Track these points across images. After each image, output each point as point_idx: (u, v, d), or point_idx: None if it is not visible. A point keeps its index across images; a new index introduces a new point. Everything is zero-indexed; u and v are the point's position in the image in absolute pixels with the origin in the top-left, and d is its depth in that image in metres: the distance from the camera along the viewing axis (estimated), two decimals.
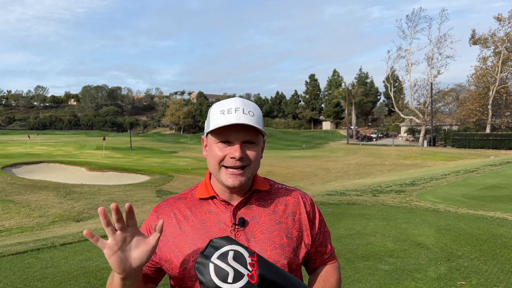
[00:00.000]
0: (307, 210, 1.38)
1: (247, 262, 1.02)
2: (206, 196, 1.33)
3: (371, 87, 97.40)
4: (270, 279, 1.02)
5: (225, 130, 1.24)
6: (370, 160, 37.71)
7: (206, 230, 1.27)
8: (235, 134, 1.24)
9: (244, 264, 1.02)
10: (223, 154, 1.25)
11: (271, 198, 1.36)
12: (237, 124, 1.22)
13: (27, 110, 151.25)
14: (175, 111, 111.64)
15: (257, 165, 1.30)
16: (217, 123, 1.23)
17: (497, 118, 59.82)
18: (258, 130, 1.26)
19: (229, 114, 1.24)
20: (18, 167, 27.57)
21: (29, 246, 6.66)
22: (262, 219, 1.30)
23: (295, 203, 1.37)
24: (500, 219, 7.99)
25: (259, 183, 1.36)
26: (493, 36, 56.20)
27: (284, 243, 1.28)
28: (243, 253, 1.04)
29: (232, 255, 1.02)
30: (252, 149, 1.27)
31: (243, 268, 1.01)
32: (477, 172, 18.95)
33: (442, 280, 4.49)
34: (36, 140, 59.92)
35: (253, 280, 0.99)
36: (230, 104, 1.27)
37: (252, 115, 1.25)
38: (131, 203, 1.05)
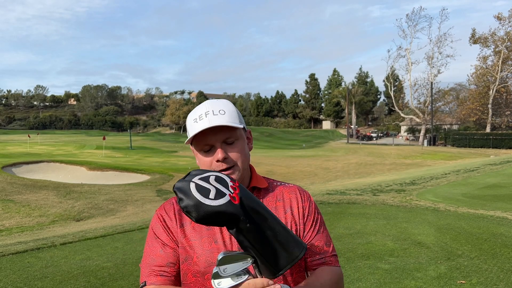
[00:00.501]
0: (303, 205, 1.37)
1: (229, 185, 1.01)
2: None
3: (371, 86, 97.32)
4: (251, 205, 1.01)
5: (202, 137, 1.26)
6: (370, 159, 37.71)
7: (209, 227, 1.28)
8: (213, 137, 1.26)
9: (226, 186, 1.01)
10: (210, 160, 1.28)
11: (270, 195, 1.37)
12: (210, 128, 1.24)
13: (27, 110, 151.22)
14: (175, 110, 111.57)
15: (244, 160, 1.30)
16: (192, 133, 1.26)
17: (497, 117, 59.81)
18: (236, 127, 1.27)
19: (201, 120, 1.26)
20: (18, 167, 27.58)
21: (29, 246, 6.67)
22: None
23: (294, 198, 1.37)
24: (500, 218, 7.99)
25: (257, 180, 1.38)
26: (493, 35, 56.18)
27: None
28: (225, 178, 1.03)
29: (214, 178, 1.02)
30: (234, 148, 1.29)
31: (225, 189, 0.99)
32: (477, 171, 18.95)
33: (442, 279, 4.49)
34: (36, 140, 59.92)
35: (235, 201, 0.98)
36: (200, 110, 1.29)
37: (223, 113, 1.27)
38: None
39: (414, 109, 62.03)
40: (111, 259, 5.53)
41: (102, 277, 4.73)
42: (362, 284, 4.39)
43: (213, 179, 1.01)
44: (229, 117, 1.27)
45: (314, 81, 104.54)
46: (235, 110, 1.33)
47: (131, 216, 12.86)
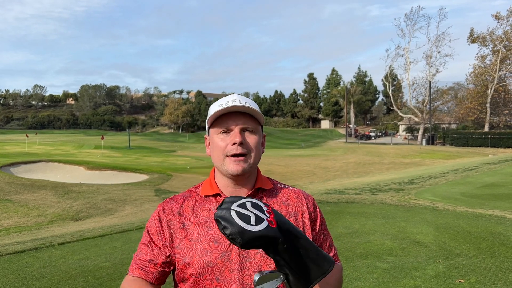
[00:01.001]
0: (309, 211, 1.39)
1: (265, 210, 1.08)
2: (211, 193, 1.35)
3: (370, 85, 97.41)
4: (286, 227, 1.08)
5: (223, 119, 1.29)
6: (369, 158, 37.73)
7: (209, 228, 1.29)
8: (234, 121, 1.29)
9: (262, 211, 1.07)
10: (225, 143, 1.29)
11: (274, 197, 1.38)
12: (235, 112, 1.28)
13: (25, 109, 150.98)
14: (174, 110, 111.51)
15: (257, 154, 1.33)
16: (216, 113, 1.29)
17: (495, 117, 59.91)
18: (256, 120, 1.31)
19: (227, 105, 1.28)
20: (16, 167, 27.54)
21: (27, 246, 6.65)
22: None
23: (298, 203, 1.39)
24: (498, 217, 8.00)
25: (262, 181, 1.39)
26: (492, 34, 56.25)
27: None
28: (259, 203, 1.09)
29: (250, 204, 1.08)
30: (251, 136, 1.31)
31: (262, 214, 1.06)
32: (475, 170, 18.97)
33: (440, 278, 4.49)
34: (34, 140, 59.84)
35: (273, 225, 1.05)
36: (227, 98, 1.32)
37: (249, 105, 1.29)
38: None
39: (412, 108, 62.09)
40: (109, 258, 5.52)
41: (100, 277, 4.72)
42: (361, 283, 4.39)
43: (250, 206, 1.06)
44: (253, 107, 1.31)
45: (313, 81, 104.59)
46: (259, 108, 1.35)
47: (130, 216, 12.85)
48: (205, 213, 1.32)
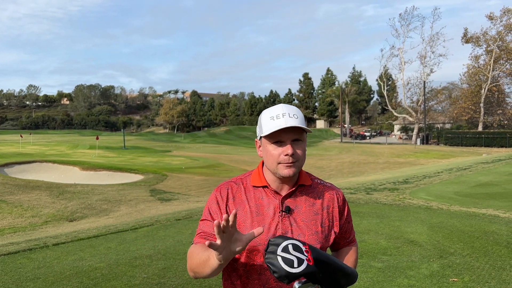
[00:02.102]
0: (339, 205, 1.66)
1: (303, 250, 1.31)
2: (260, 184, 1.59)
3: (365, 85, 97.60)
4: (321, 260, 1.33)
5: (277, 133, 1.50)
6: (364, 158, 37.83)
7: (259, 213, 1.55)
8: (285, 135, 1.50)
9: (301, 252, 1.30)
10: (278, 152, 1.51)
11: (312, 192, 1.63)
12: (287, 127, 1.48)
13: (19, 110, 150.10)
14: (169, 110, 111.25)
15: (304, 158, 1.55)
16: (270, 128, 1.49)
17: (489, 116, 60.26)
18: (303, 129, 1.52)
19: (278, 119, 1.49)
20: (10, 167, 27.38)
21: (21, 246, 6.62)
22: (304, 209, 1.58)
23: (330, 198, 1.64)
24: (492, 216, 8.05)
25: (303, 178, 1.62)
26: (485, 34, 56.57)
27: (319, 231, 1.57)
28: (299, 244, 1.32)
29: (292, 247, 1.30)
30: (300, 146, 1.53)
31: (302, 255, 1.29)
32: (469, 169, 19.08)
33: (434, 277, 4.51)
34: (28, 140, 59.50)
35: (311, 262, 1.29)
36: (277, 111, 1.53)
37: (296, 117, 1.50)
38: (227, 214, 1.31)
39: (407, 108, 62.33)
40: (104, 259, 5.50)
41: (95, 277, 4.71)
42: (356, 283, 4.40)
43: (291, 249, 1.30)
44: (300, 121, 1.50)
45: (308, 81, 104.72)
46: (303, 116, 1.56)
47: (125, 216, 12.81)
48: (255, 200, 1.58)
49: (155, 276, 4.72)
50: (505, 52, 55.46)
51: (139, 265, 5.14)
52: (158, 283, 4.48)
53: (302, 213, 1.57)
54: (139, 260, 5.36)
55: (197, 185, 21.65)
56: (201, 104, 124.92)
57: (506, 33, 55.14)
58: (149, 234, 7.22)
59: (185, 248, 5.90)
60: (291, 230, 1.53)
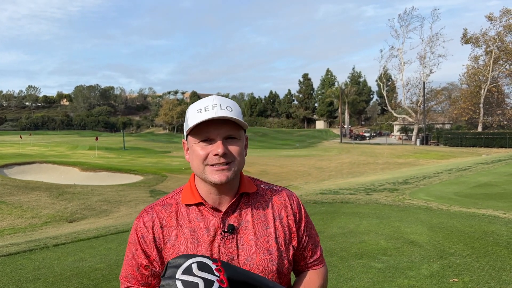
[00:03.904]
0: (294, 212, 1.35)
1: (213, 269, 1.02)
2: (193, 202, 1.28)
3: (364, 86, 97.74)
4: (239, 279, 1.04)
5: (204, 128, 1.21)
6: (364, 159, 37.85)
7: (197, 240, 1.24)
8: (215, 130, 1.21)
9: (211, 271, 1.01)
10: (206, 152, 1.22)
11: (259, 200, 1.33)
12: (217, 120, 1.20)
13: (18, 110, 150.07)
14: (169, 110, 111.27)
15: (241, 161, 1.26)
16: (195, 121, 1.20)
17: (488, 117, 60.31)
18: (239, 125, 1.25)
19: (207, 111, 1.20)
20: (10, 168, 27.36)
21: (21, 247, 6.62)
22: (251, 224, 1.28)
23: (282, 205, 1.34)
24: (491, 216, 8.05)
25: (245, 185, 1.32)
26: (485, 35, 56.65)
27: (273, 249, 1.27)
28: (206, 262, 1.03)
29: (196, 266, 1.01)
30: (235, 144, 1.24)
31: (211, 275, 1.00)
32: (469, 170, 19.09)
33: (434, 277, 4.52)
34: (28, 141, 59.48)
35: (224, 284, 0.99)
36: (206, 102, 1.24)
37: (231, 110, 1.22)
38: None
39: (406, 108, 62.38)
40: (104, 260, 5.50)
41: (95, 278, 4.71)
42: (356, 283, 4.41)
43: (196, 269, 1.00)
44: (235, 114, 1.22)
45: (308, 81, 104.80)
46: (241, 111, 1.29)
47: (124, 217, 12.81)
48: (189, 223, 1.26)
49: None
50: (504, 53, 55.53)
51: None
52: None
53: (249, 230, 1.27)
54: None
55: None
56: None
57: (505, 33, 55.22)
58: None
59: None
60: (237, 254, 1.23)
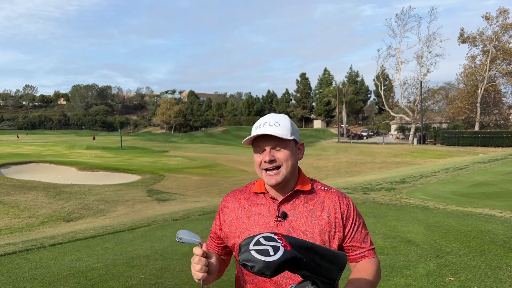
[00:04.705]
0: (342, 210, 1.58)
1: (276, 238, 1.24)
2: (259, 191, 1.64)
3: (362, 85, 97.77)
4: (298, 244, 1.26)
5: (259, 141, 1.56)
6: (361, 158, 37.91)
7: (256, 218, 1.59)
8: (264, 142, 1.55)
9: (275, 240, 1.23)
10: (260, 159, 1.57)
11: (312, 197, 1.60)
12: (264, 135, 1.54)
13: (15, 110, 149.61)
14: (166, 110, 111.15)
15: (290, 164, 1.55)
16: (251, 136, 1.57)
17: (485, 116, 60.47)
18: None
19: (259, 128, 1.55)
20: (7, 167, 27.28)
21: (18, 247, 6.60)
22: (301, 215, 1.55)
23: (332, 204, 1.58)
24: (488, 215, 8.08)
25: (302, 183, 1.61)
26: (482, 34, 56.77)
27: (316, 238, 1.52)
28: (270, 234, 1.26)
29: (263, 239, 1.24)
30: (281, 152, 1.55)
31: (275, 243, 1.22)
32: (466, 169, 19.15)
33: (431, 276, 4.53)
34: (25, 140, 59.31)
35: (288, 247, 1.22)
36: (262, 120, 1.59)
37: (278, 125, 1.54)
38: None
39: (404, 108, 62.49)
40: (101, 259, 5.50)
41: (92, 278, 4.70)
42: None
43: (263, 240, 1.24)
44: (280, 129, 1.53)
45: (305, 81, 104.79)
46: (289, 124, 1.58)
47: (122, 217, 12.80)
48: (254, 206, 1.63)
49: (152, 276, 4.72)
50: (501, 52, 55.69)
51: (136, 265, 5.13)
52: (156, 283, 4.48)
53: (299, 219, 1.54)
54: (137, 260, 5.36)
55: (195, 185, 21.64)
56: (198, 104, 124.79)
57: (502, 33, 55.38)
58: (146, 234, 7.22)
59: (182, 249, 5.90)
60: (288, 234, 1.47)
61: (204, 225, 7.65)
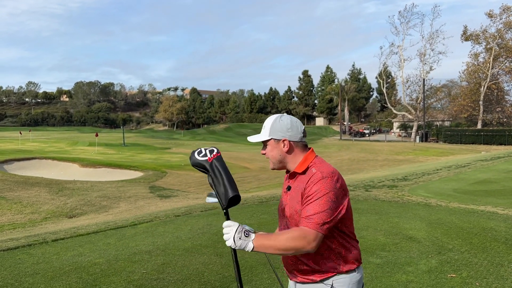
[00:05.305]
0: (306, 185, 1.93)
1: (213, 153, 2.05)
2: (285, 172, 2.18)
3: (364, 83, 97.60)
4: (217, 165, 2.02)
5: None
6: (363, 155, 37.88)
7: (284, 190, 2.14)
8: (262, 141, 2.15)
9: (212, 152, 2.05)
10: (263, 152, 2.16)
11: (303, 177, 1.99)
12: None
13: (18, 107, 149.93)
14: (168, 107, 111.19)
15: (273, 155, 2.09)
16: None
17: (488, 114, 60.27)
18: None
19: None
20: (10, 164, 27.38)
21: (20, 242, 6.63)
22: (294, 189, 2.01)
23: (306, 180, 1.95)
24: (490, 213, 8.07)
25: (299, 167, 2.03)
26: (485, 32, 56.53)
27: (296, 206, 1.97)
28: (214, 149, 2.07)
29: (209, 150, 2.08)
30: (268, 148, 2.10)
31: (210, 154, 2.04)
32: (468, 167, 19.10)
33: (433, 273, 4.53)
34: (28, 137, 59.48)
35: (209, 160, 2.02)
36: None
37: (264, 128, 2.10)
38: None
39: (406, 105, 62.34)
40: (103, 255, 5.51)
41: (94, 273, 4.72)
42: None
43: (206, 149, 2.07)
44: (264, 133, 2.09)
45: (307, 78, 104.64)
46: (270, 127, 2.08)
47: (124, 213, 12.83)
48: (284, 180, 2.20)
49: (154, 271, 4.73)
50: (504, 50, 55.47)
51: (138, 261, 5.15)
52: (157, 279, 4.49)
53: (293, 192, 2.02)
54: (138, 256, 5.37)
55: (197, 182, 21.67)
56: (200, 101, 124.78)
57: (505, 30, 55.14)
58: (148, 230, 7.23)
59: (184, 244, 5.92)
60: (286, 202, 2.05)
61: (206, 221, 7.66)
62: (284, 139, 2.06)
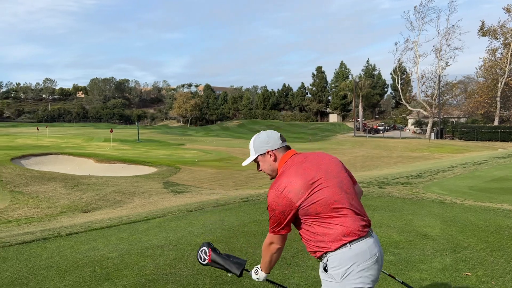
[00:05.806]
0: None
1: (207, 254, 2.62)
2: None
3: (379, 79, 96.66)
4: (216, 260, 2.57)
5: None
6: (377, 152, 37.57)
7: None
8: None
9: (206, 254, 2.62)
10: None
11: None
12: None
13: (35, 103, 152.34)
14: (182, 103, 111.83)
15: (265, 168, 2.43)
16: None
17: (505, 110, 59.24)
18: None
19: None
20: (27, 159, 27.81)
21: (35, 236, 6.73)
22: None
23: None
24: (507, 210, 7.93)
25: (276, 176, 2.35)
26: (503, 27, 55.47)
27: None
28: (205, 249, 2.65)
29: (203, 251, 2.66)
30: (260, 165, 2.45)
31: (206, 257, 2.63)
32: (484, 164, 18.80)
33: (447, 271, 4.46)
34: (44, 132, 60.39)
35: (209, 261, 2.60)
36: None
37: (250, 149, 2.46)
38: None
39: (421, 102, 61.61)
40: (116, 249, 5.56)
41: (107, 267, 4.76)
42: None
43: (202, 252, 2.65)
44: (251, 153, 2.46)
45: (321, 74, 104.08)
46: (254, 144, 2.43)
47: (138, 208, 12.94)
48: None
49: (166, 266, 4.76)
50: None
51: (150, 255, 5.18)
52: (169, 273, 4.52)
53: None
54: (151, 250, 5.41)
55: (210, 178, 21.74)
56: (214, 98, 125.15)
57: None
58: (161, 225, 7.28)
59: (196, 239, 5.94)
60: None
61: (218, 217, 7.68)
62: (268, 150, 2.39)
